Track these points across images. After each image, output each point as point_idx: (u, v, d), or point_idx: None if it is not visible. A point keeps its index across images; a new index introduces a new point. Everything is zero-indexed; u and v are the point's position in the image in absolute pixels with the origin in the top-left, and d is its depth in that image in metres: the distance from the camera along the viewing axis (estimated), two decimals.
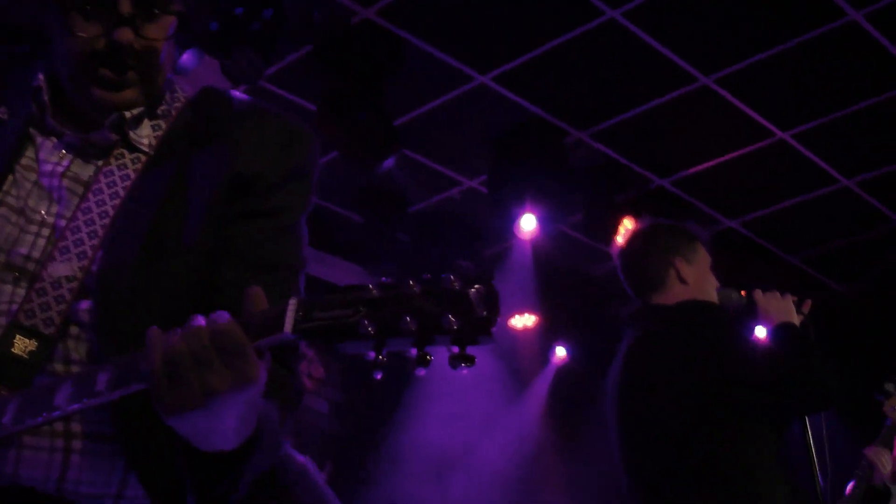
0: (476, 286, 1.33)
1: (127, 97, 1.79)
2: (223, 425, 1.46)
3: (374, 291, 1.34)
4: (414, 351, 1.35)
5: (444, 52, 6.23)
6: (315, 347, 7.70)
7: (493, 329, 1.33)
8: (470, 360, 1.34)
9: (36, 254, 1.71)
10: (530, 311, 8.70)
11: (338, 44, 5.79)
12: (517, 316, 8.71)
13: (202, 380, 1.39)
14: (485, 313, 1.32)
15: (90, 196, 1.75)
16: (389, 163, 6.26)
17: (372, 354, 1.35)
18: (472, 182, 7.66)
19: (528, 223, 7.20)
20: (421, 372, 1.36)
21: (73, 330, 1.69)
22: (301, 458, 3.03)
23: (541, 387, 9.14)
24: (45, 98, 1.80)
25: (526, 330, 8.77)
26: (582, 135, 7.05)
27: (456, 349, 1.34)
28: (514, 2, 5.85)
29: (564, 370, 9.11)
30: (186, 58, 5.23)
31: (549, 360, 9.19)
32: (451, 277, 1.33)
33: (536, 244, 7.76)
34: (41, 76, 1.82)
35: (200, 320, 1.42)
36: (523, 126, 6.83)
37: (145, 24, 1.75)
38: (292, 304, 1.37)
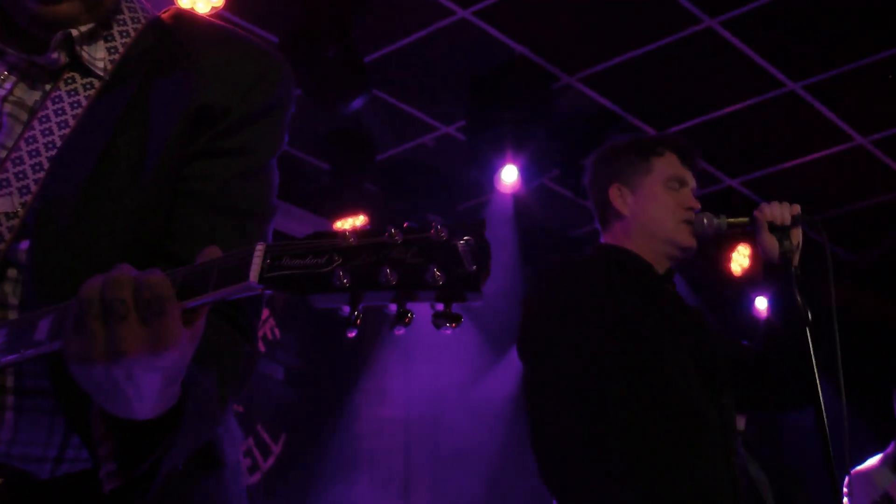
0: (465, 238, 1.30)
1: (64, 11, 1.74)
2: (131, 389, 1.38)
3: (351, 239, 1.31)
4: (393, 307, 1.31)
5: None
6: (278, 301, 7.69)
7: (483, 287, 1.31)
8: (456, 320, 1.32)
9: None
10: (508, 271, 8.70)
11: None
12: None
13: (110, 334, 1.33)
14: (474, 268, 1.29)
15: (35, 124, 1.71)
16: (358, 104, 6.23)
17: (346, 310, 1.31)
18: (449, 128, 7.63)
19: (508, 175, 7.19)
20: (400, 331, 1.33)
21: (12, 272, 1.65)
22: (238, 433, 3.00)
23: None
24: None
25: (503, 292, 8.77)
26: (571, 80, 7.03)
27: (440, 307, 1.31)
28: None
29: None
30: None
31: None
32: (438, 227, 1.31)
33: (518, 199, 7.76)
34: None
35: (128, 268, 1.36)
36: (507, 68, 6.80)
37: None
38: (259, 249, 1.33)
